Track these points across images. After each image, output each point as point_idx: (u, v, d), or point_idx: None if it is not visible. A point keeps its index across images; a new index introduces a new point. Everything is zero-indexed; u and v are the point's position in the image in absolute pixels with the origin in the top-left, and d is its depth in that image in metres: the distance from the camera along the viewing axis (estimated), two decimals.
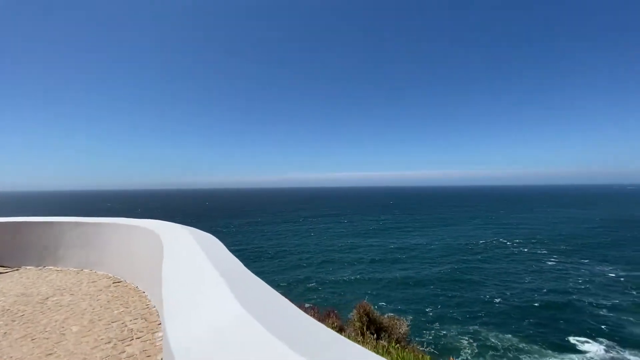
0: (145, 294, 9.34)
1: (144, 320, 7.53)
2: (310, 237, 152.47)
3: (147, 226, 9.90)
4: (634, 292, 74.41)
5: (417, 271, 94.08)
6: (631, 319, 60.45)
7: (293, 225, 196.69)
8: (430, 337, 55.72)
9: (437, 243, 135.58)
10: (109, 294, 9.62)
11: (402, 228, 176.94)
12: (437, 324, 60.37)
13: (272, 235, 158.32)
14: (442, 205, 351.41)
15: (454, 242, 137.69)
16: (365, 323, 8.23)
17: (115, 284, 10.71)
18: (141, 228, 10.25)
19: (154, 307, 8.15)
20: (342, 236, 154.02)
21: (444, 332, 57.14)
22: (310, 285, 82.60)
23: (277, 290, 4.82)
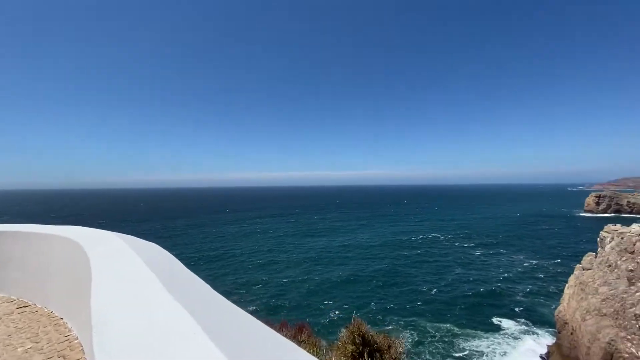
0: (64, 321, 7.23)
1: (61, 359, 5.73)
2: (256, 237, 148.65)
3: (67, 235, 7.78)
4: (542, 276, 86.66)
5: (360, 268, 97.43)
6: (541, 300, 70.20)
7: (239, 226, 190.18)
8: (377, 328, 57.91)
9: (378, 239, 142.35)
10: (11, 325, 7.26)
11: (347, 226, 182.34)
12: (380, 316, 63.15)
13: (217, 238, 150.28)
14: (385, 204, 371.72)
15: (395, 238, 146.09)
16: (359, 345, 7.53)
17: (20, 310, 8.20)
18: (58, 237, 8.03)
19: (77, 339, 6.31)
20: (289, 235, 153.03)
21: (387, 326, 59.94)
22: (257, 287, 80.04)
23: (244, 309, 3.94)
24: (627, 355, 36.01)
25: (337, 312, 65.17)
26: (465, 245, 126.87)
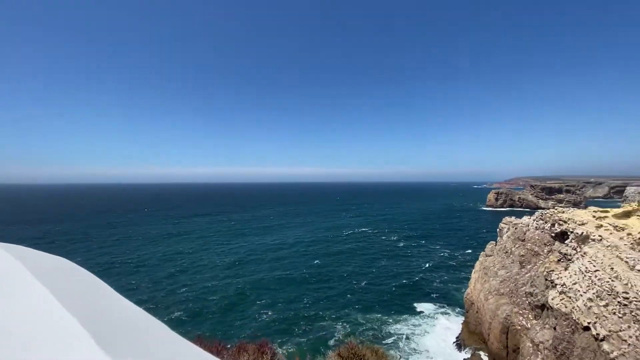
0: None
1: None
2: (181, 239, 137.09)
3: None
4: (454, 264, 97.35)
5: (294, 265, 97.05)
6: (453, 285, 78.63)
7: (161, 226, 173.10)
8: (309, 327, 58.09)
9: (310, 236, 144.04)
10: None
11: (279, 224, 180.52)
12: (312, 313, 63.68)
13: (133, 240, 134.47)
14: (318, 201, 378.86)
15: (327, 234, 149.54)
16: None
17: None
18: None
19: None
20: (221, 235, 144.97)
21: (320, 321, 60.84)
22: (182, 292, 73.58)
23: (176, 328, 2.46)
24: (519, 327, 42.19)
25: (269, 313, 63.59)
26: (391, 239, 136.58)
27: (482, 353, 48.97)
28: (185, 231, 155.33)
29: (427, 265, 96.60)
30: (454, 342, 53.54)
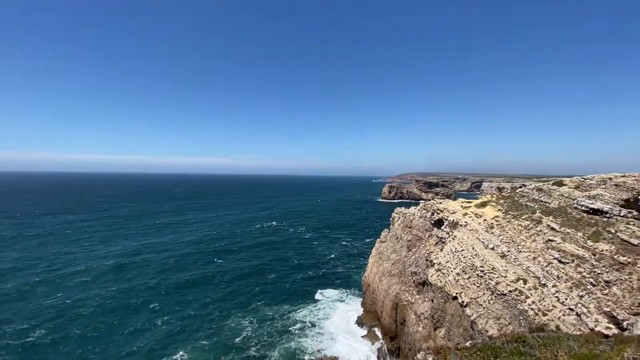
0: None
1: None
2: (47, 241, 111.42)
3: None
4: (355, 252, 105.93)
5: (194, 266, 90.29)
6: (354, 270, 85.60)
7: (10, 225, 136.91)
8: (214, 329, 54.84)
9: (216, 231, 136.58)
10: None
11: (184, 220, 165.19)
12: (217, 312, 60.06)
13: None
14: (224, 194, 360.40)
15: (233, 228, 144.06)
16: None
17: None
18: None
19: None
20: (100, 236, 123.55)
21: (226, 320, 57.70)
22: (42, 308, 59.84)
23: None
24: (406, 302, 48.72)
25: (167, 322, 57.62)
26: (298, 231, 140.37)
27: (376, 329, 54.94)
28: (50, 232, 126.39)
29: (331, 254, 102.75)
30: (354, 322, 58.47)
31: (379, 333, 53.17)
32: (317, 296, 69.20)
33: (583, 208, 32.84)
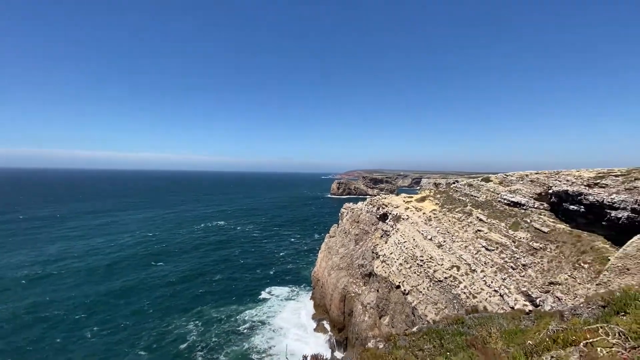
0: None
1: None
2: None
3: None
4: (305, 248, 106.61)
5: (130, 271, 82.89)
6: (304, 266, 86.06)
7: None
8: (154, 335, 50.81)
9: (156, 233, 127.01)
10: None
11: (115, 221, 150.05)
12: (159, 321, 55.52)
13: None
14: (167, 192, 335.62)
15: (175, 230, 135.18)
16: None
17: None
18: None
19: None
20: (26, 243, 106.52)
21: (168, 327, 53.85)
22: None
23: None
24: (353, 294, 50.46)
25: (99, 333, 51.92)
26: (246, 229, 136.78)
27: (325, 322, 56.07)
28: None
29: (280, 251, 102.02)
30: (304, 317, 58.87)
31: (327, 326, 54.34)
32: (266, 294, 68.23)
33: (505, 201, 37.17)
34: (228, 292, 68.68)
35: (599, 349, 3.12)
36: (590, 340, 3.57)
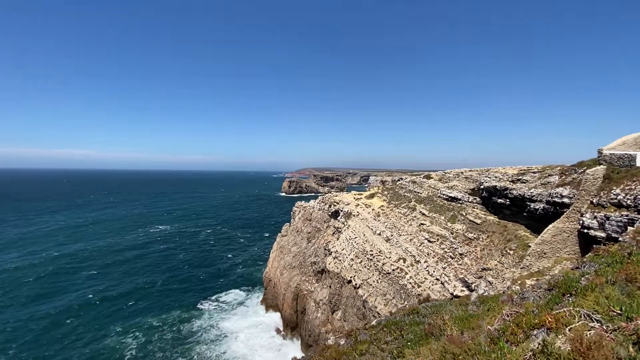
0: None
1: None
2: None
3: None
4: (256, 249, 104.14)
5: (61, 286, 73.13)
6: (256, 267, 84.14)
7: None
8: (87, 350, 45.39)
9: (87, 240, 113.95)
10: None
11: (28, 232, 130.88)
12: (90, 335, 49.67)
13: None
14: (93, 192, 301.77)
15: (108, 235, 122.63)
16: None
17: None
18: None
19: None
20: None
21: (103, 341, 48.49)
22: None
23: None
24: (306, 292, 50.73)
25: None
26: (191, 231, 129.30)
27: (278, 322, 55.51)
28: None
29: (230, 254, 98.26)
30: (255, 318, 57.53)
31: (281, 325, 53.86)
32: (215, 300, 65.03)
33: (444, 196, 40.50)
34: (170, 300, 63.85)
35: (584, 333, 3.47)
36: (559, 323, 3.98)
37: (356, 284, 39.14)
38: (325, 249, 51.88)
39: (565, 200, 23.54)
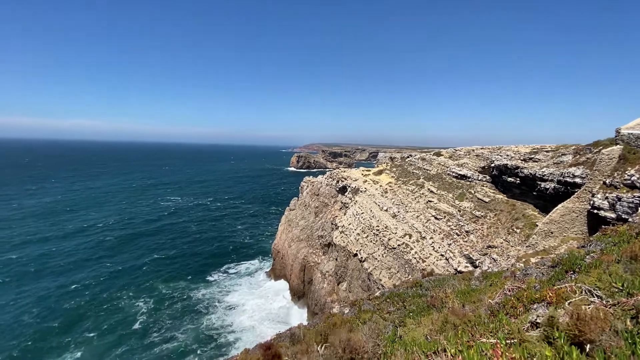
0: None
1: None
2: None
3: None
4: (263, 221, 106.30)
5: (83, 253, 76.74)
6: (264, 238, 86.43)
7: None
8: (103, 315, 48.48)
9: (110, 213, 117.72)
10: None
11: (73, 204, 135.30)
12: (105, 296, 52.72)
13: None
14: (96, 165, 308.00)
15: (122, 204, 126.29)
16: None
17: None
18: None
19: None
20: None
21: (117, 304, 51.77)
22: None
23: None
24: (312, 263, 52.30)
25: (32, 323, 48.02)
26: (204, 203, 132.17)
27: (286, 291, 57.82)
28: None
29: (239, 225, 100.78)
30: (264, 288, 60.00)
31: (288, 294, 56.12)
32: (224, 269, 67.68)
33: (454, 174, 40.15)
34: (183, 269, 66.71)
35: (583, 307, 3.59)
36: (560, 298, 4.12)
37: (362, 258, 40.09)
38: (332, 224, 52.74)
39: (577, 180, 23.14)
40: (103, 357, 40.21)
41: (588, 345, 2.89)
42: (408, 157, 68.34)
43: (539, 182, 28.05)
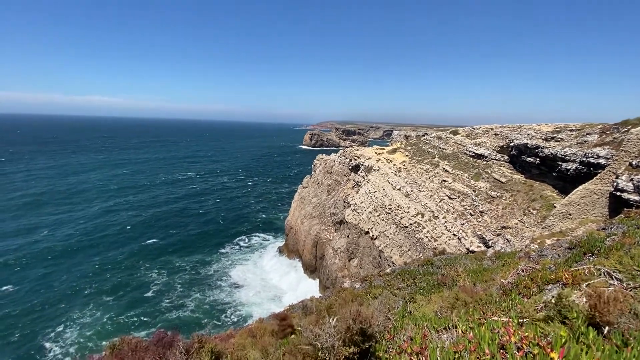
0: None
1: None
2: None
3: None
4: (275, 197, 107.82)
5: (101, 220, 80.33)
6: (277, 214, 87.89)
7: None
8: (119, 279, 51.60)
9: (121, 184, 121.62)
10: None
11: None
12: (125, 273, 55.05)
13: None
14: (122, 141, 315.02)
15: (143, 180, 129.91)
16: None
17: None
18: None
19: None
20: None
21: (133, 274, 54.41)
22: None
23: None
24: (324, 240, 53.25)
25: (59, 286, 51.36)
26: (219, 181, 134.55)
27: (299, 265, 59.55)
28: None
29: (252, 200, 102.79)
30: (278, 261, 61.88)
31: (301, 268, 57.79)
32: (237, 241, 69.84)
33: (470, 153, 39.15)
34: (197, 244, 68.93)
35: (601, 289, 3.52)
36: (576, 279, 4.05)
37: (373, 235, 40.46)
38: (344, 202, 53.00)
39: (602, 161, 22.17)
40: (117, 316, 43.59)
41: (606, 328, 2.86)
42: (423, 135, 66.83)
43: (560, 163, 27.08)
